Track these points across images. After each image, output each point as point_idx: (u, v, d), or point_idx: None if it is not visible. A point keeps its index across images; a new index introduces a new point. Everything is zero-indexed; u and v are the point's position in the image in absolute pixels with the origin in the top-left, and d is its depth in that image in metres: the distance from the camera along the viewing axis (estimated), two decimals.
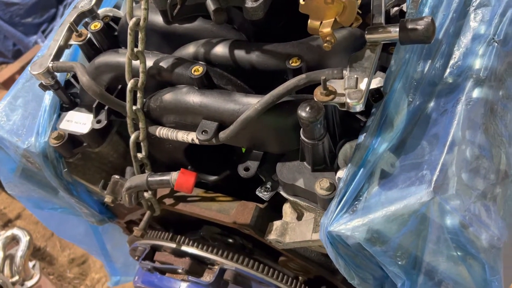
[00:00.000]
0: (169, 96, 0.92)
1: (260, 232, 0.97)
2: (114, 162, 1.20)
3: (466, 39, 0.84)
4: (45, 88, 1.03)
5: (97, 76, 0.99)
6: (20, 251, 2.14)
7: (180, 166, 1.00)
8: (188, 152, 1.05)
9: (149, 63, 0.92)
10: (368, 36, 0.77)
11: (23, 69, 1.91)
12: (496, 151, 0.78)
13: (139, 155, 1.01)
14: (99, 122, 1.02)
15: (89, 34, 1.02)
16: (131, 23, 0.87)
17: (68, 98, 1.08)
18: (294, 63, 0.84)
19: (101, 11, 1.09)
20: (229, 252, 1.07)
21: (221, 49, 0.92)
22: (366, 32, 0.77)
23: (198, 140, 0.87)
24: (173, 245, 1.11)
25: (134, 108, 0.93)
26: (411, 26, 0.73)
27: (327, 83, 0.73)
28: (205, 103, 0.87)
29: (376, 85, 0.85)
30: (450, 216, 0.70)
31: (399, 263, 0.73)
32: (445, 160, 0.73)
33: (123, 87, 0.98)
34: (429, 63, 0.82)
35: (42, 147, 1.05)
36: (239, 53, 0.90)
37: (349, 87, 0.72)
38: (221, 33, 0.95)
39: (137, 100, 0.93)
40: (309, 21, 0.74)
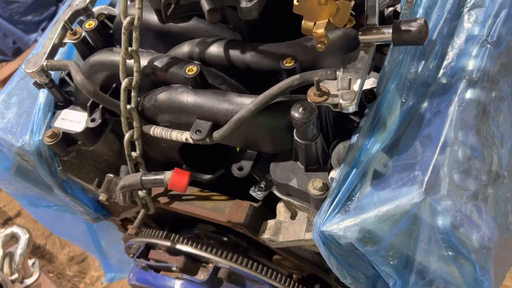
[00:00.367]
0: (163, 95, 0.92)
1: (254, 231, 0.97)
2: (109, 160, 1.20)
3: (459, 40, 0.84)
4: (40, 86, 1.03)
5: (91, 75, 0.98)
6: (19, 249, 2.14)
7: (175, 165, 1.00)
8: (182, 151, 1.05)
9: (143, 62, 0.92)
10: (361, 37, 0.77)
11: None
12: (488, 152, 0.78)
13: (134, 153, 1.01)
14: (93, 120, 1.02)
15: (83, 33, 1.01)
16: (125, 22, 0.87)
17: (63, 96, 1.08)
18: (288, 64, 0.84)
19: (96, 9, 1.09)
20: (223, 250, 1.08)
21: (215, 49, 0.92)
22: (360, 33, 0.77)
23: (192, 139, 0.87)
24: (167, 243, 1.11)
25: (128, 107, 0.93)
26: (404, 27, 0.73)
27: (320, 84, 0.73)
28: (199, 102, 0.87)
29: (369, 85, 0.85)
30: (441, 217, 0.70)
31: (391, 263, 0.74)
32: (437, 161, 0.73)
33: (117, 86, 0.98)
34: (422, 64, 0.82)
35: (37, 145, 1.05)
36: (234, 52, 0.90)
37: (342, 88, 0.72)
38: (216, 32, 0.95)
39: (131, 99, 0.93)
40: (303, 22, 0.74)
